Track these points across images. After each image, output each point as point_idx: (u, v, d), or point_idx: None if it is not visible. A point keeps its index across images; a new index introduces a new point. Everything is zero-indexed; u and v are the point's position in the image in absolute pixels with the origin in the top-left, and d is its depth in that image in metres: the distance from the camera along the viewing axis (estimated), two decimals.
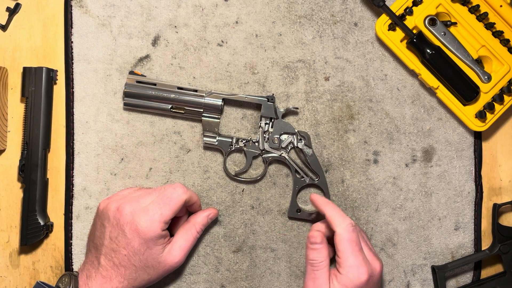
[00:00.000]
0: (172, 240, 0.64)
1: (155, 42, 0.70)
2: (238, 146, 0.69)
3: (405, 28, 0.68)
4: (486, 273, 0.73)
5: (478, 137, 0.72)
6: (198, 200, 0.67)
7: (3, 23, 0.70)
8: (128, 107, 0.69)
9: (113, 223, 0.61)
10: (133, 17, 0.70)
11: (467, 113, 0.70)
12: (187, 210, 0.67)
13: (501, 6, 0.70)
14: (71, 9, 0.69)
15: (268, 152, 0.69)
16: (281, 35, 0.71)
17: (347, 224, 0.61)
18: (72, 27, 0.69)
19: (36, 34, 0.70)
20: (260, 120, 0.69)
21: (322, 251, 0.63)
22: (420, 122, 0.72)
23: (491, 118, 0.70)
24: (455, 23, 0.70)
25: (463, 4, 0.70)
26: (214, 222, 0.70)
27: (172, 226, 0.65)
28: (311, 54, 0.71)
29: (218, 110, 0.68)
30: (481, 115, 0.69)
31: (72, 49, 0.69)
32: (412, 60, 0.70)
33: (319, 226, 0.65)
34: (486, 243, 0.73)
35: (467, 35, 0.71)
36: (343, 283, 0.60)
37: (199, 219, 0.66)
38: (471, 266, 0.73)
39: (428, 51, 0.68)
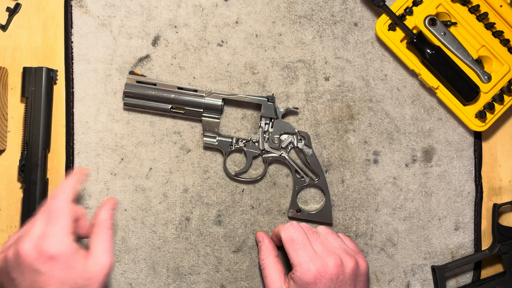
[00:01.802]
0: (90, 249, 0.57)
1: (155, 42, 0.70)
2: (238, 146, 0.69)
3: (405, 28, 0.68)
4: (486, 273, 0.73)
5: (478, 137, 0.72)
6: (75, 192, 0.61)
7: (3, 23, 0.70)
8: (128, 107, 0.69)
9: (21, 269, 0.53)
10: (133, 17, 0.70)
11: (467, 113, 0.70)
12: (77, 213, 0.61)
13: (501, 6, 0.70)
14: (71, 9, 0.69)
15: (268, 152, 0.69)
16: (281, 35, 0.71)
17: (287, 226, 0.64)
18: (72, 27, 0.69)
19: (36, 34, 0.70)
20: (260, 120, 0.69)
21: (263, 249, 0.66)
22: (420, 122, 0.72)
23: (491, 118, 0.70)
24: (455, 23, 0.70)
25: (463, 4, 0.70)
26: (214, 222, 0.70)
27: (83, 233, 0.60)
28: (311, 54, 0.71)
29: (218, 110, 0.68)
30: (481, 115, 0.69)
31: (72, 49, 0.69)
32: (412, 60, 0.70)
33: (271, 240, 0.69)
34: (486, 243, 0.73)
35: (467, 35, 0.71)
36: (294, 281, 0.61)
37: (103, 216, 0.60)
38: (471, 266, 0.73)
39: (428, 51, 0.68)
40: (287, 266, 0.68)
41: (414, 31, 0.69)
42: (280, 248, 0.68)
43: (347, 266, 0.61)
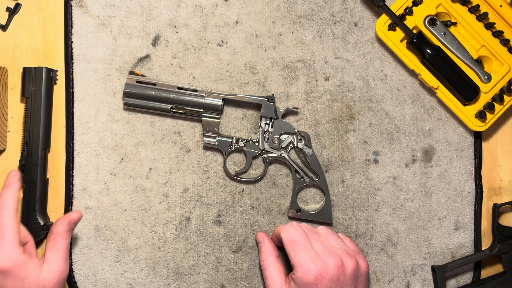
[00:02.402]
0: (44, 257, 0.59)
1: (155, 42, 0.70)
2: (238, 146, 0.69)
3: (405, 28, 0.68)
4: (486, 273, 0.73)
5: (478, 137, 0.73)
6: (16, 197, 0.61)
7: (3, 23, 0.70)
8: (128, 107, 0.69)
9: None
10: (133, 17, 0.70)
11: (467, 113, 0.70)
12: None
13: (501, 6, 0.70)
14: (71, 9, 0.69)
15: (268, 152, 0.69)
16: (281, 35, 0.71)
17: (288, 227, 0.64)
18: (72, 27, 0.69)
19: (36, 34, 0.70)
20: (260, 120, 0.69)
21: (263, 250, 0.66)
22: (420, 122, 0.72)
23: (491, 118, 0.70)
24: (455, 23, 0.70)
25: (463, 4, 0.70)
26: (214, 222, 0.70)
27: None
28: (311, 54, 0.71)
29: (218, 110, 0.68)
30: (481, 115, 0.69)
31: (72, 49, 0.69)
32: (412, 60, 0.70)
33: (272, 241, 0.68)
34: (486, 243, 0.73)
35: (467, 35, 0.71)
36: (294, 282, 0.61)
37: (59, 229, 0.60)
38: (471, 266, 0.73)
39: (428, 51, 0.68)
40: (288, 266, 0.68)
41: (414, 31, 0.69)
42: (280, 248, 0.68)
43: (348, 266, 0.61)
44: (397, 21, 0.68)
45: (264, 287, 0.67)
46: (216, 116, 0.68)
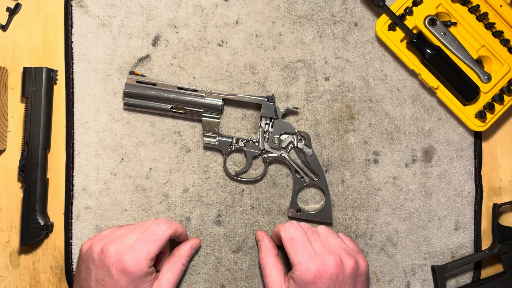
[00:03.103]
0: (159, 276, 0.63)
1: (155, 42, 0.70)
2: (238, 146, 0.69)
3: (405, 28, 0.68)
4: (486, 273, 0.74)
5: (478, 137, 0.73)
6: (184, 230, 0.67)
7: (3, 23, 0.70)
8: (128, 107, 0.69)
9: (98, 264, 0.60)
10: (133, 17, 0.70)
11: (467, 113, 0.70)
12: (169, 244, 0.67)
13: (501, 6, 0.70)
14: (71, 9, 0.69)
15: (268, 152, 0.69)
16: (281, 35, 0.71)
17: (287, 226, 0.64)
18: (72, 27, 0.69)
19: (36, 34, 0.70)
20: (260, 120, 0.69)
21: (263, 248, 0.66)
22: (420, 122, 0.72)
23: (491, 118, 0.70)
24: (455, 23, 0.70)
25: (463, 4, 0.70)
26: (214, 222, 0.70)
27: (156, 261, 0.65)
28: (311, 54, 0.71)
29: (218, 110, 0.68)
30: (481, 115, 0.69)
31: (72, 49, 0.69)
32: (412, 60, 0.70)
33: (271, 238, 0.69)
34: (486, 243, 0.73)
35: (467, 35, 0.71)
36: (293, 281, 0.61)
37: (183, 251, 0.66)
38: (471, 266, 0.73)
39: (428, 51, 0.68)
40: (287, 265, 0.68)
41: (414, 31, 0.69)
42: (280, 247, 0.68)
43: (347, 265, 0.61)
44: (397, 21, 0.68)
45: (263, 286, 0.67)
46: (216, 116, 0.68)
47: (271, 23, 0.71)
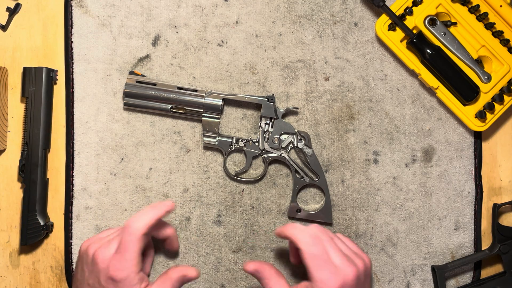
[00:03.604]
0: (152, 286, 0.60)
1: (155, 42, 0.70)
2: (238, 146, 0.69)
3: (405, 28, 0.68)
4: (486, 273, 0.73)
5: (478, 137, 0.72)
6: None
7: (3, 23, 0.70)
8: (128, 107, 0.69)
9: (90, 269, 0.60)
10: (133, 17, 0.70)
11: (467, 113, 0.70)
12: (152, 242, 0.66)
13: (501, 6, 0.70)
14: (71, 9, 0.69)
15: (268, 152, 0.69)
16: (281, 35, 0.71)
17: (307, 241, 0.60)
18: (72, 27, 0.69)
19: (36, 34, 0.70)
20: (260, 120, 0.69)
21: (270, 277, 0.61)
22: (420, 122, 0.72)
23: (491, 118, 0.70)
24: (455, 23, 0.70)
25: (463, 4, 0.70)
26: (214, 222, 0.70)
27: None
28: (311, 54, 0.71)
29: (218, 110, 0.68)
30: (481, 115, 0.69)
31: (72, 49, 0.69)
32: (412, 60, 0.70)
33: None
34: (486, 243, 0.73)
35: (467, 35, 0.71)
36: None
37: (174, 275, 0.61)
38: (471, 266, 0.73)
39: (428, 51, 0.68)
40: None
41: (414, 31, 0.69)
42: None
43: (360, 270, 0.60)
44: (397, 21, 0.68)
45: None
46: (216, 116, 0.68)
47: (271, 23, 0.71)
